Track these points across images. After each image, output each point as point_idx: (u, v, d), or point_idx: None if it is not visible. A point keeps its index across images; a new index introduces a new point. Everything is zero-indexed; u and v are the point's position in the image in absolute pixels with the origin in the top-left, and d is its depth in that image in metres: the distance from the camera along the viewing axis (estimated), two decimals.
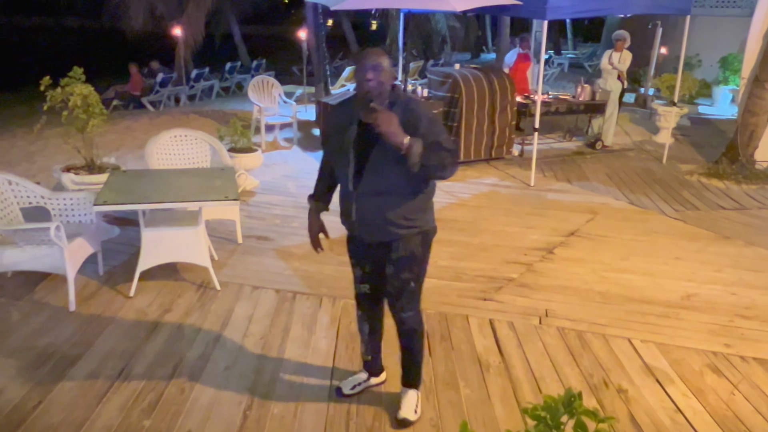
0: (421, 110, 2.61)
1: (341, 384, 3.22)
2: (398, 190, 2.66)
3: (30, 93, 8.07)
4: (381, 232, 2.75)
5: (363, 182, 2.66)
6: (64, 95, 5.09)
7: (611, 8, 8.00)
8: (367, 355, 3.20)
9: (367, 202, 2.69)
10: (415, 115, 2.55)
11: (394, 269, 2.80)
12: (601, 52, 13.31)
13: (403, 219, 2.70)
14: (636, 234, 5.66)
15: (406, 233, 2.73)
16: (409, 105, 2.62)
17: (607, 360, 3.60)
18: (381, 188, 2.64)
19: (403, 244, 2.75)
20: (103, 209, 4.06)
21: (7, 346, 3.59)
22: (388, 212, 2.68)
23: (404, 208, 2.69)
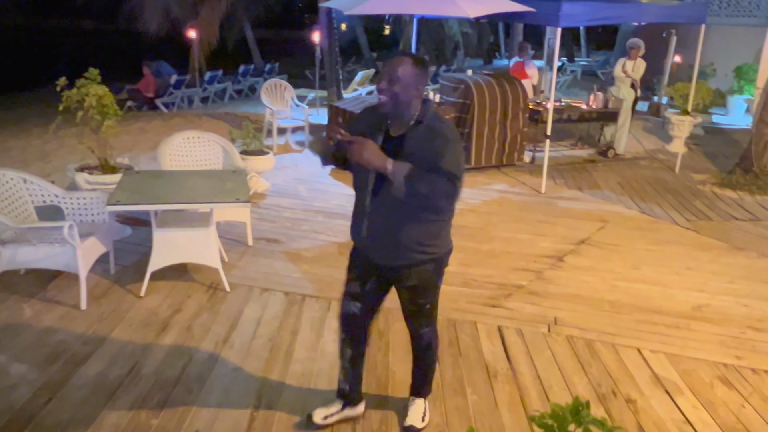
0: (443, 132, 2.43)
1: (313, 412, 2.96)
2: (418, 214, 2.50)
3: (46, 93, 8.18)
4: (391, 256, 2.61)
5: (381, 196, 2.51)
6: (79, 96, 5.15)
7: (625, 16, 7.98)
8: (345, 383, 2.95)
9: (380, 220, 2.55)
10: (434, 135, 2.41)
11: (409, 296, 2.74)
12: (615, 59, 13.27)
13: (417, 244, 2.56)
14: (647, 243, 5.63)
15: (417, 260, 2.60)
16: (434, 125, 2.44)
17: (616, 370, 3.58)
18: (399, 207, 2.45)
19: (415, 273, 2.63)
20: (116, 209, 4.10)
21: (19, 342, 3.63)
22: (400, 235, 2.53)
23: (419, 232, 2.54)
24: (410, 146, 2.43)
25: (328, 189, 6.86)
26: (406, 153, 2.41)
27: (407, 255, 2.59)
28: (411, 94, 2.40)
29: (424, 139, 2.41)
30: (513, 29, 14.17)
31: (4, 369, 3.36)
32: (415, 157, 2.38)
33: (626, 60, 8.95)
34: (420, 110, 2.46)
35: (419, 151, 2.39)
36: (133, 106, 12.46)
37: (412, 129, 2.45)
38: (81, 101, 5.16)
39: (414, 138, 2.44)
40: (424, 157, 2.36)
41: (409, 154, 2.40)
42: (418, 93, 2.42)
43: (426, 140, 2.40)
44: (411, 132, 2.45)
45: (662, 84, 12.50)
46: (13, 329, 3.78)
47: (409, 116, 2.45)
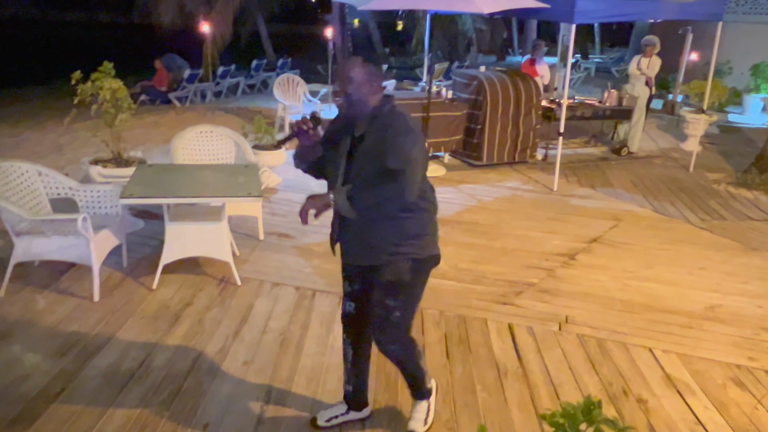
0: (393, 125, 2.41)
1: (317, 414, 2.97)
2: (384, 212, 2.46)
3: (60, 86, 8.25)
4: (363, 256, 2.59)
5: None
6: (93, 89, 5.18)
7: (641, 13, 7.90)
8: (349, 384, 2.92)
9: (350, 221, 2.51)
10: (385, 129, 2.40)
11: (379, 294, 2.60)
12: (629, 57, 13.16)
13: (390, 245, 2.49)
14: (660, 242, 5.58)
15: (392, 260, 2.53)
16: (386, 120, 2.43)
17: (628, 369, 3.55)
18: (362, 205, 2.43)
19: (390, 269, 2.54)
20: (129, 202, 4.13)
21: (33, 333, 3.67)
22: (370, 235, 2.50)
23: (392, 232, 2.49)
24: (367, 143, 2.44)
25: None
26: (364, 150, 2.44)
27: (378, 255, 2.53)
28: (364, 92, 2.42)
29: (377, 134, 2.42)
30: (527, 25, 14.08)
31: (18, 359, 3.40)
32: (370, 154, 2.41)
33: (641, 57, 8.86)
34: (376, 107, 2.45)
35: (374, 146, 2.41)
36: (147, 99, 12.53)
37: (369, 125, 2.45)
38: (95, 95, 5.19)
39: (370, 134, 2.45)
40: (377, 153, 2.38)
41: (366, 151, 2.43)
42: (371, 90, 2.43)
43: (379, 136, 2.41)
44: (368, 128, 2.46)
45: (677, 82, 12.38)
46: (26, 320, 3.82)
47: (366, 112, 2.45)
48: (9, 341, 3.57)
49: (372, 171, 2.40)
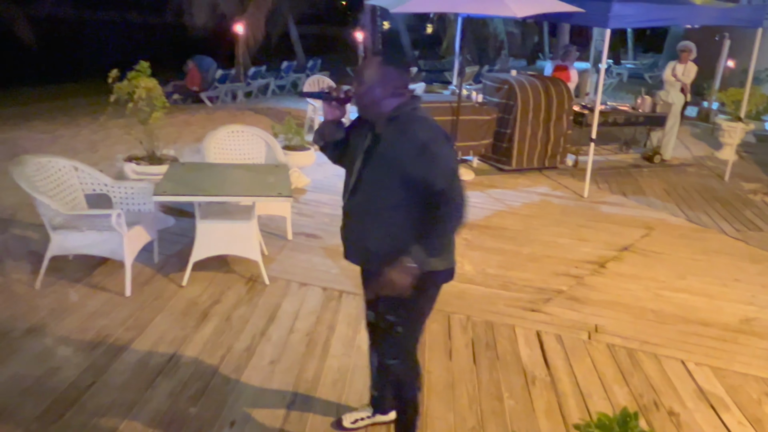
0: (417, 136, 2.27)
1: (343, 416, 2.97)
2: (388, 217, 2.35)
3: (94, 84, 8.41)
4: (364, 259, 2.51)
5: (355, 197, 2.42)
6: (130, 88, 5.27)
7: (677, 18, 7.75)
8: (375, 389, 2.91)
9: (354, 220, 2.47)
10: (410, 137, 2.27)
11: (381, 307, 2.50)
12: (663, 63, 12.94)
13: (390, 253, 2.30)
14: (693, 252, 5.46)
15: None
16: (407, 125, 2.31)
17: (659, 381, 3.48)
18: (368, 208, 2.38)
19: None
20: (162, 199, 4.18)
21: (66, 326, 3.74)
22: (371, 239, 2.41)
23: (392, 240, 2.34)
24: (384, 144, 2.34)
25: None
26: (380, 151, 2.34)
27: (377, 261, 2.38)
28: (380, 92, 2.32)
29: (397, 138, 2.30)
30: (559, 29, 13.92)
31: (51, 351, 3.47)
32: (387, 156, 2.31)
33: (676, 63, 8.69)
34: (396, 107, 2.34)
35: (391, 149, 2.31)
36: (179, 99, 12.73)
37: (386, 125, 2.35)
38: (131, 93, 5.27)
39: (386, 134, 2.34)
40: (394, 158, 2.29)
41: (382, 153, 2.33)
42: (388, 91, 2.32)
43: (396, 138, 2.30)
44: (386, 129, 2.35)
45: (713, 89, 12.11)
46: (59, 313, 3.89)
47: (383, 114, 2.35)
48: (42, 333, 3.64)
49: (385, 175, 2.31)
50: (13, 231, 5.15)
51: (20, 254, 4.70)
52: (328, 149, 2.60)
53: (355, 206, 2.45)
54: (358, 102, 2.39)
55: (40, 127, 9.48)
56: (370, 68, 2.35)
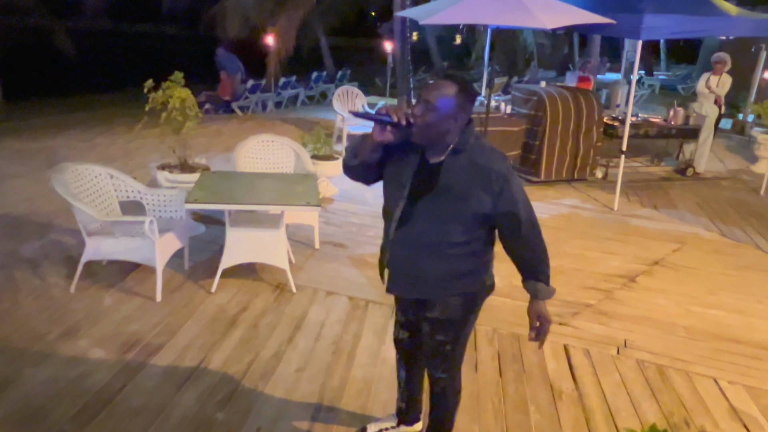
0: (495, 169, 2.16)
1: (368, 425, 2.98)
2: (447, 250, 2.27)
3: (130, 94, 8.65)
4: (414, 290, 2.41)
5: (407, 227, 2.28)
6: (164, 98, 5.40)
7: (711, 30, 7.62)
8: (401, 402, 2.90)
9: (404, 251, 2.33)
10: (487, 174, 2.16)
11: (429, 328, 2.47)
12: (697, 74, 12.74)
13: (440, 281, 2.32)
14: (727, 268, 5.34)
15: (444, 296, 2.38)
16: (478, 159, 2.18)
17: (690, 399, 3.40)
18: (425, 241, 2.26)
19: (439, 306, 2.40)
20: (194, 207, 4.27)
21: (99, 330, 3.83)
22: (426, 270, 2.32)
23: (447, 269, 2.31)
24: (448, 177, 2.19)
25: None
26: (443, 184, 2.19)
27: (429, 291, 2.37)
28: (448, 125, 2.13)
29: (466, 171, 2.17)
30: (590, 41, 13.81)
31: (85, 354, 3.56)
32: (454, 191, 2.19)
33: (710, 75, 8.55)
34: (460, 137, 2.18)
35: (458, 184, 2.17)
36: (210, 108, 12.96)
37: (450, 157, 2.19)
38: (165, 103, 5.40)
39: (453, 168, 2.19)
40: (467, 194, 2.17)
41: (446, 186, 2.19)
42: (458, 124, 2.15)
43: (469, 174, 2.17)
44: (449, 160, 2.20)
45: (749, 101, 11.88)
46: (93, 317, 3.99)
47: (445, 145, 2.19)
48: (76, 336, 3.74)
49: (456, 211, 2.21)
50: (51, 236, 5.30)
51: (57, 259, 4.84)
52: (356, 169, 2.37)
53: (408, 239, 2.30)
54: (422, 129, 2.13)
55: (78, 135, 9.76)
56: (445, 95, 2.11)
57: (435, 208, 2.22)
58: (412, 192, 2.25)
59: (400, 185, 2.28)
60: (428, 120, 2.11)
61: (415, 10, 8.29)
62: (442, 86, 2.12)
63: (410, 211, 2.26)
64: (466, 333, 2.53)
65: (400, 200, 2.28)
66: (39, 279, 4.49)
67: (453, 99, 2.11)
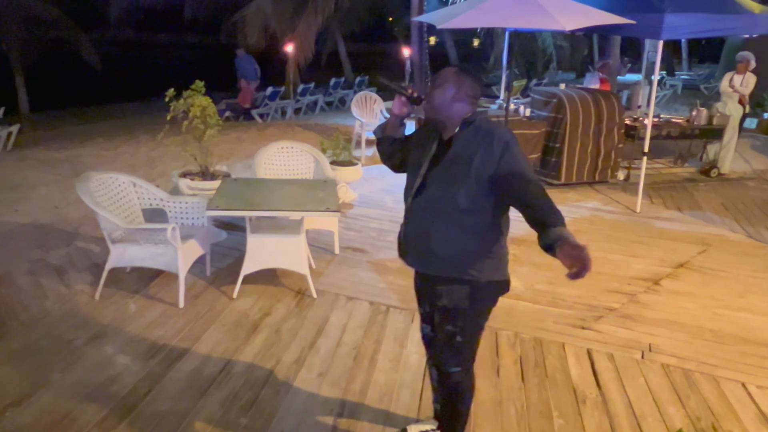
0: (497, 134, 2.36)
1: (408, 426, 3.00)
2: (453, 218, 2.40)
3: (153, 103, 8.80)
4: (423, 262, 2.55)
5: (420, 198, 2.49)
6: (185, 106, 5.48)
7: (734, 28, 7.49)
8: (437, 402, 2.88)
9: (416, 221, 2.51)
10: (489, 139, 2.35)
11: (439, 319, 2.57)
12: (720, 73, 12.54)
13: (451, 257, 2.44)
14: (755, 270, 5.24)
15: (450, 276, 2.46)
16: (482, 127, 2.41)
17: (718, 404, 3.34)
18: (434, 208, 2.43)
19: (446, 292, 2.49)
20: (215, 214, 4.32)
21: (124, 335, 3.89)
22: (434, 240, 2.44)
23: (455, 244, 2.42)
24: (456, 147, 2.42)
25: None
26: (451, 154, 2.42)
27: (436, 264, 2.49)
28: (449, 98, 2.41)
29: (471, 139, 2.39)
30: (609, 42, 13.68)
31: (111, 360, 3.61)
32: (461, 157, 2.38)
33: (734, 74, 8.41)
34: (468, 115, 2.45)
35: (464, 151, 2.39)
36: (231, 116, 13.11)
37: (461, 129, 2.45)
38: (186, 111, 5.48)
39: (460, 139, 2.43)
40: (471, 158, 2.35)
41: (454, 155, 2.41)
42: (458, 97, 2.41)
43: (473, 140, 2.38)
44: (458, 134, 2.45)
45: None
46: (119, 323, 4.06)
47: (452, 120, 2.45)
48: (102, 342, 3.80)
49: (460, 175, 2.36)
50: (77, 244, 5.40)
51: (83, 266, 4.93)
52: (384, 144, 2.74)
53: (422, 205, 2.49)
54: (429, 101, 2.45)
55: (102, 144, 9.94)
56: (446, 74, 2.46)
57: (444, 174, 2.43)
58: (428, 169, 2.50)
59: (419, 167, 2.53)
60: (433, 95, 2.44)
61: (432, 15, 8.29)
62: (445, 70, 2.50)
63: (424, 183, 2.50)
64: (475, 325, 2.58)
65: (418, 178, 2.52)
66: (65, 286, 4.57)
67: (452, 77, 2.44)
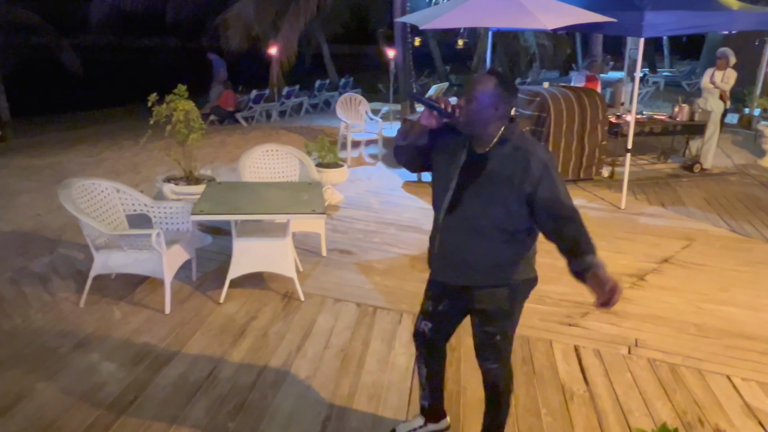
0: (537, 155, 2.31)
1: (397, 427, 3.01)
2: (492, 234, 2.40)
3: (136, 108, 8.74)
4: (460, 275, 2.52)
5: (455, 213, 2.44)
6: (168, 111, 5.43)
7: (714, 25, 7.59)
8: (425, 399, 2.93)
9: (452, 236, 2.48)
10: (529, 160, 2.30)
11: (478, 321, 2.59)
12: (701, 70, 12.69)
13: (487, 267, 2.45)
14: (737, 264, 5.30)
15: (490, 284, 2.49)
16: (521, 146, 2.34)
17: (703, 397, 3.38)
18: (472, 225, 2.40)
19: (487, 296, 2.50)
20: (200, 218, 4.29)
21: (110, 342, 3.85)
22: (472, 254, 2.45)
23: (493, 256, 2.44)
24: (493, 164, 2.35)
25: (401, 202, 6.89)
26: (488, 170, 2.35)
27: (475, 276, 2.48)
28: (489, 114, 2.30)
29: (509, 157, 2.33)
30: (591, 40, 13.80)
31: (96, 367, 3.57)
32: (499, 176, 2.33)
33: (714, 70, 8.51)
34: (505, 129, 2.36)
35: (502, 169, 2.33)
36: (215, 119, 13.04)
37: (496, 147, 2.36)
38: (169, 116, 5.44)
39: (498, 156, 2.36)
40: (510, 178, 2.31)
41: (491, 172, 2.35)
42: (498, 114, 2.32)
43: (513, 159, 2.32)
44: (495, 150, 2.37)
45: (754, 95, 11.81)
46: (104, 329, 4.01)
47: (489, 136, 2.36)
48: (87, 349, 3.76)
49: (500, 195, 2.33)
50: (60, 251, 5.34)
51: (66, 273, 4.88)
52: (404, 151, 2.56)
53: (457, 221, 2.44)
54: (465, 118, 2.33)
55: (85, 150, 9.83)
56: (485, 87, 2.30)
57: (480, 193, 2.38)
58: (460, 181, 2.42)
59: (448, 178, 2.45)
60: (470, 109, 2.31)
61: (415, 16, 8.31)
62: (482, 80, 2.33)
63: (458, 198, 2.42)
64: (513, 323, 2.62)
65: (449, 190, 2.44)
66: (49, 294, 4.52)
67: (492, 90, 2.30)
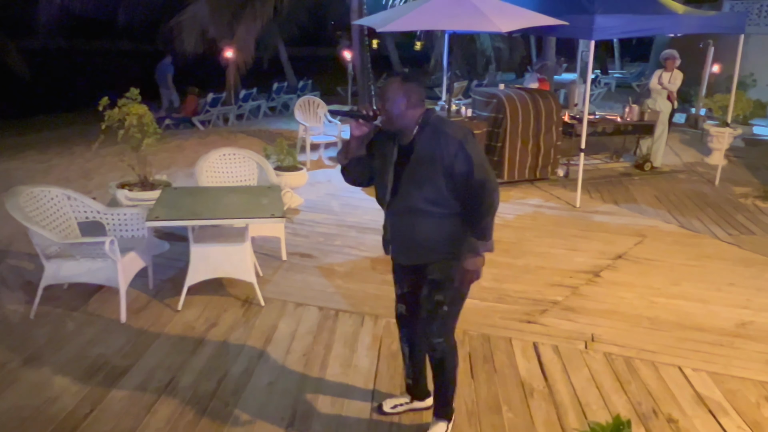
0: (452, 133, 2.58)
1: (383, 402, 3.21)
2: (431, 212, 2.64)
3: (88, 113, 8.49)
4: (413, 255, 2.77)
5: (396, 200, 2.69)
6: (120, 115, 5.30)
7: (661, 28, 7.86)
8: (409, 378, 3.15)
9: (398, 221, 2.73)
10: (440, 135, 2.58)
11: (428, 290, 2.78)
12: (650, 71, 13.08)
13: (436, 243, 2.68)
14: (687, 258, 5.49)
15: (440, 259, 2.71)
16: (439, 128, 2.61)
17: (657, 388, 3.48)
18: (412, 207, 2.65)
19: (439, 267, 2.72)
20: (155, 225, 4.20)
21: (62, 355, 3.73)
22: (421, 234, 2.68)
23: (437, 232, 2.67)
24: (418, 149, 2.61)
25: (361, 204, 6.89)
26: (415, 156, 2.61)
27: (425, 254, 2.72)
28: (402, 106, 2.58)
29: (430, 140, 2.59)
30: (545, 42, 14.11)
31: (48, 381, 3.45)
32: (424, 158, 2.58)
33: (662, 71, 8.81)
34: (422, 116, 2.63)
35: (426, 151, 2.58)
36: (171, 124, 12.78)
37: (418, 133, 2.63)
38: (122, 120, 5.31)
39: (421, 141, 2.62)
40: (433, 157, 2.56)
41: (417, 156, 2.60)
42: (411, 104, 2.59)
43: (433, 140, 2.58)
44: (417, 136, 2.63)
45: (700, 95, 12.26)
46: (56, 342, 3.88)
47: (409, 126, 2.62)
48: (39, 363, 3.63)
49: (427, 174, 2.57)
50: (9, 261, 5.15)
51: (16, 284, 4.70)
52: (350, 168, 2.80)
53: (399, 207, 2.69)
54: (385, 116, 2.60)
55: (34, 157, 9.50)
56: (393, 85, 2.61)
57: (413, 176, 2.62)
58: (396, 172, 2.68)
59: (385, 171, 2.72)
60: (387, 107, 2.59)
61: (372, 18, 8.34)
62: (390, 81, 2.67)
63: (396, 186, 2.68)
64: (460, 297, 2.80)
65: (388, 181, 2.70)
66: None
67: (398, 86, 2.60)
